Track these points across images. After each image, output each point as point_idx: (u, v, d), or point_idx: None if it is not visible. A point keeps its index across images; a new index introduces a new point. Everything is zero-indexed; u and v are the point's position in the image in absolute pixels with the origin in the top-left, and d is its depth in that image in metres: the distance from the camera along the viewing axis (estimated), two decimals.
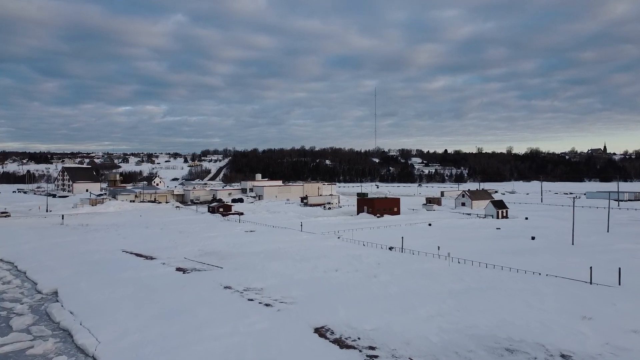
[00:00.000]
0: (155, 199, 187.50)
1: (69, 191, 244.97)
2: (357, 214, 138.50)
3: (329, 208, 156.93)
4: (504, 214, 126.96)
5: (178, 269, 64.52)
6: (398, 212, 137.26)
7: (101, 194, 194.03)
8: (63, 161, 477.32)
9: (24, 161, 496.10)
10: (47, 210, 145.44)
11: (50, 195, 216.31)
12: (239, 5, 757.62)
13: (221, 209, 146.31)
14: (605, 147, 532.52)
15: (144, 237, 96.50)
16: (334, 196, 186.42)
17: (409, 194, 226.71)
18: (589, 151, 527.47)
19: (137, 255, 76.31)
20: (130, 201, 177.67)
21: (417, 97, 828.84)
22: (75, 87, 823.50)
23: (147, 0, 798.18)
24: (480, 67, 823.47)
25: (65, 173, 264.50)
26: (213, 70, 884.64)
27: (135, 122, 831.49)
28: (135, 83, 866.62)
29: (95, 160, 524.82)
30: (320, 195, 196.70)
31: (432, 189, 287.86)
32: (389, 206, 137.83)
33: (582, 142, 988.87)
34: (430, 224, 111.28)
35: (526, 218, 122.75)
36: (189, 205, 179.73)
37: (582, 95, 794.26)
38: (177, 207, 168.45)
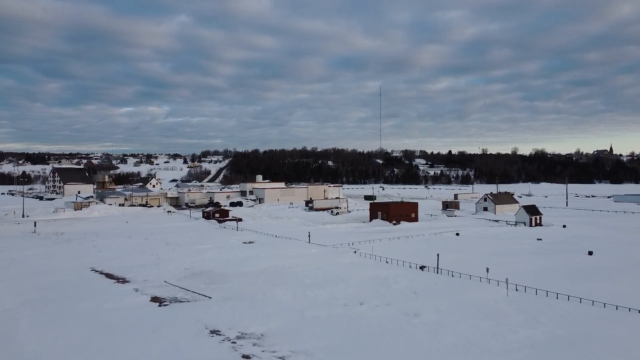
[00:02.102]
0: (146, 202, 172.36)
1: (58, 193, 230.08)
2: (370, 220, 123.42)
3: (337, 213, 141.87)
4: (538, 221, 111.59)
5: (153, 299, 49.77)
6: (416, 219, 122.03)
7: (89, 197, 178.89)
8: (60, 162, 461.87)
9: (20, 162, 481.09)
10: (23, 216, 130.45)
11: (37, 197, 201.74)
12: (243, 6, 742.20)
13: (217, 215, 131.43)
14: (611, 148, 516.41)
15: (123, 250, 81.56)
16: (341, 200, 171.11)
17: (420, 197, 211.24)
18: (595, 152, 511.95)
19: (108, 275, 61.58)
20: (119, 205, 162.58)
21: (419, 98, 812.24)
22: (78, 88, 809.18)
23: (151, 1, 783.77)
24: (483, 69, 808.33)
25: (56, 174, 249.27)
26: (216, 71, 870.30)
27: (137, 123, 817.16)
28: (138, 84, 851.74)
29: (93, 161, 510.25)
30: (327, 198, 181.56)
31: (441, 191, 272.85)
32: (405, 212, 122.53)
33: (585, 144, 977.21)
34: (458, 234, 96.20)
35: (564, 226, 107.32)
36: (184, 209, 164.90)
37: (585, 97, 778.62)
38: (168, 211, 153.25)
